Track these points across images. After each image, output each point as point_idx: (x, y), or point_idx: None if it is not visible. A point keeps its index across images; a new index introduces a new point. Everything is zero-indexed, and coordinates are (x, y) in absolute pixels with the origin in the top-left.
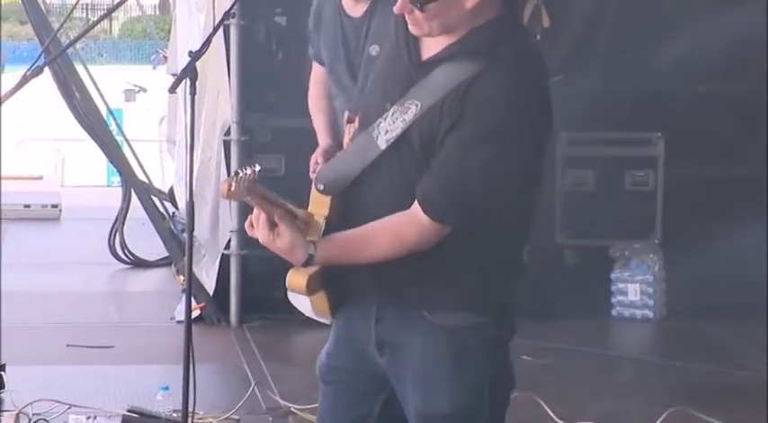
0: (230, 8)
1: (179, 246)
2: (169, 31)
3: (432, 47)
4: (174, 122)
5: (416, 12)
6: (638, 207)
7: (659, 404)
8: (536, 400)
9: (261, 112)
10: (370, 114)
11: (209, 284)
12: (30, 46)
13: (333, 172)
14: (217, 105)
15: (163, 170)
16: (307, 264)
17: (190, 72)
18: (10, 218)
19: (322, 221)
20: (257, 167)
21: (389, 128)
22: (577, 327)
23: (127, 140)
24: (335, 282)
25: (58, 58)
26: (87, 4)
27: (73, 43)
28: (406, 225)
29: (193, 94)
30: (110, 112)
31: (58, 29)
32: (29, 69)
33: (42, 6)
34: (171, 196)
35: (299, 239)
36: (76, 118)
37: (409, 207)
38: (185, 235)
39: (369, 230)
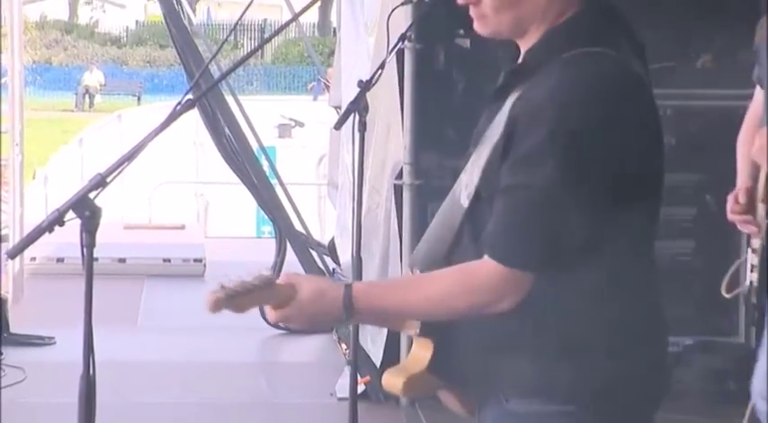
0: (406, 30)
1: None
2: (329, 56)
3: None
4: (337, 163)
5: (485, 2)
6: None
7: None
8: None
9: (438, 152)
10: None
11: (376, 354)
12: (170, 73)
13: (424, 249)
14: (387, 143)
15: (322, 219)
16: (350, 314)
17: (359, 105)
18: (148, 274)
19: None
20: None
21: (468, 180)
22: None
23: (281, 183)
24: (440, 373)
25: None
26: (236, 24)
27: (228, 74)
28: (475, 267)
29: (363, 130)
30: (262, 149)
31: (212, 58)
32: (179, 103)
33: (189, 28)
34: (332, 249)
35: (323, 286)
36: (224, 157)
37: None
38: None
39: (432, 273)
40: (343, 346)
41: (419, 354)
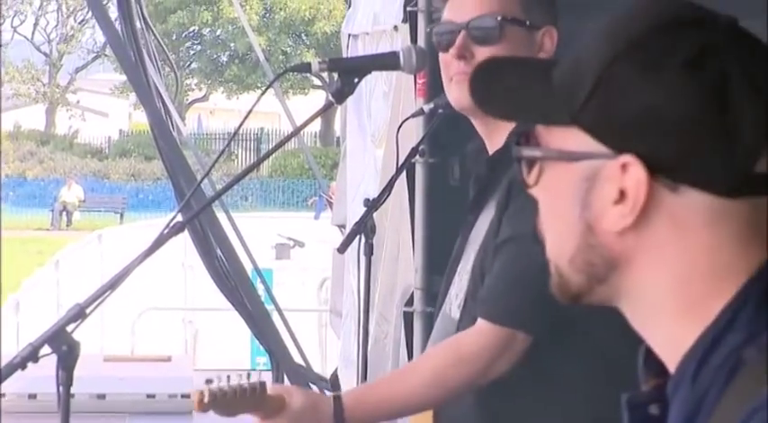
0: (418, 143)
1: None
2: (332, 168)
3: None
4: (340, 287)
5: (479, 54)
6: None
7: None
8: None
9: None
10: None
11: None
12: (156, 187)
13: None
14: (396, 266)
15: (324, 349)
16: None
17: (365, 226)
18: (130, 411)
19: None
20: (257, 380)
21: (458, 290)
22: None
23: (278, 309)
24: None
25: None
26: (231, 139)
27: (221, 194)
28: (462, 335)
29: (369, 254)
30: (257, 272)
31: (204, 176)
32: (167, 226)
33: (177, 138)
34: (334, 384)
35: (315, 398)
36: (215, 281)
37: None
38: None
39: (419, 358)
40: None
41: None
